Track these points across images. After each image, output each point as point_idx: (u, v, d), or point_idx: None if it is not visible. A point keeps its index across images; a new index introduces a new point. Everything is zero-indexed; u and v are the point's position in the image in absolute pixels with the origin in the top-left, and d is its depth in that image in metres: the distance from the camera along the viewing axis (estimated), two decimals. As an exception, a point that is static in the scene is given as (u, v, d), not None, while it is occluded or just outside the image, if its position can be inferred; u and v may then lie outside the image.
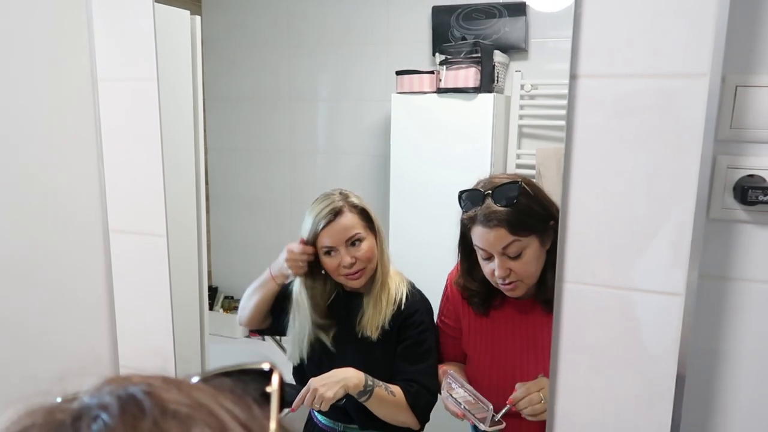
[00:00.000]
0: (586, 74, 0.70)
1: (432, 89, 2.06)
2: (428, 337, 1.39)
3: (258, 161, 2.71)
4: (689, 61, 0.66)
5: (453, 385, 1.20)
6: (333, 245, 1.34)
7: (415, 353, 1.39)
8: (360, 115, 2.44)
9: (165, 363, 1.03)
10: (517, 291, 1.18)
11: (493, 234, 1.17)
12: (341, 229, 1.34)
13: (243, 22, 2.62)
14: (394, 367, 1.40)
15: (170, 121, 1.00)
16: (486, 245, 1.18)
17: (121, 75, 0.96)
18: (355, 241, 1.35)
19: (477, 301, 1.28)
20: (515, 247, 1.15)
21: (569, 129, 0.72)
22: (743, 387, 0.77)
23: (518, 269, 1.16)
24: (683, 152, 0.69)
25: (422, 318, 1.39)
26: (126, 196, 1.00)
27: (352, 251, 1.35)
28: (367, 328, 1.37)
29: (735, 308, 0.75)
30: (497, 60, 2.06)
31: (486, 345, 1.28)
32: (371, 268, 1.38)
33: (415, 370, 1.39)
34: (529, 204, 1.19)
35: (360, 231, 1.36)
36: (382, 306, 1.37)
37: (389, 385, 1.36)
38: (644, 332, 0.73)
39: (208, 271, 3.16)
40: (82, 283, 1.06)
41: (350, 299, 1.42)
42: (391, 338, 1.37)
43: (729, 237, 0.74)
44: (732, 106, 0.71)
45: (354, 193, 1.45)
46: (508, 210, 1.16)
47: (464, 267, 1.28)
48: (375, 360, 1.37)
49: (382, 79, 2.34)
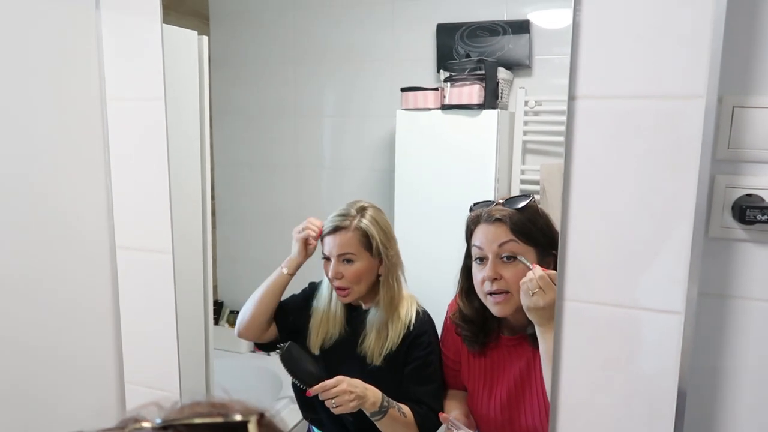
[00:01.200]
0: (585, 95, 0.71)
1: (436, 106, 2.08)
2: (434, 359, 1.39)
3: (264, 176, 2.73)
4: (686, 82, 0.67)
5: (455, 431, 1.20)
6: (328, 255, 1.37)
7: (422, 374, 1.40)
8: (365, 130, 2.46)
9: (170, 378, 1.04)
10: (504, 306, 1.16)
11: (492, 229, 1.17)
12: (336, 244, 1.36)
13: (250, 41, 2.66)
14: (403, 387, 1.40)
15: (177, 139, 1.02)
16: (484, 242, 1.18)
17: (129, 95, 0.98)
18: (346, 260, 1.37)
19: (469, 336, 1.27)
20: (511, 247, 1.14)
21: (568, 149, 0.73)
22: (744, 404, 0.77)
23: (509, 276, 1.14)
24: (682, 172, 0.69)
25: (429, 339, 1.40)
26: (133, 214, 1.02)
27: (341, 267, 1.37)
28: (368, 353, 1.37)
29: (734, 326, 0.75)
30: (501, 77, 2.08)
31: (483, 382, 1.27)
32: (359, 291, 1.39)
33: (424, 391, 1.39)
34: (535, 217, 1.19)
35: (353, 252, 1.37)
36: (387, 333, 1.37)
37: (401, 405, 1.37)
38: (644, 350, 0.73)
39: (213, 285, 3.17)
40: (88, 298, 1.08)
41: (355, 314, 1.43)
42: (398, 358, 1.38)
43: (728, 255, 0.74)
44: (729, 126, 0.72)
45: (374, 208, 1.47)
46: (513, 211, 1.17)
47: (463, 287, 1.27)
48: (377, 377, 1.38)
49: (387, 95, 2.36)
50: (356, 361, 1.39)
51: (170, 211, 0.98)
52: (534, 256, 1.15)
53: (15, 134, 1.03)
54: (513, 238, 1.15)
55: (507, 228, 1.16)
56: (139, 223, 1.02)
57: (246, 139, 2.73)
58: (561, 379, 0.78)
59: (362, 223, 1.37)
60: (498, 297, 1.16)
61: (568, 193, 0.73)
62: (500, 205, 1.20)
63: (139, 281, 1.04)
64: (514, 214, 1.17)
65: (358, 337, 1.40)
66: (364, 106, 2.46)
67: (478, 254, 1.20)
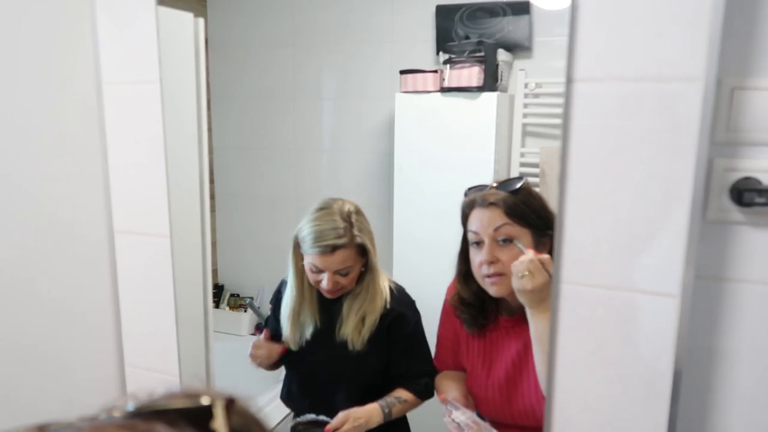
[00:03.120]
0: (582, 78, 0.70)
1: (436, 88, 2.07)
2: (418, 330, 1.43)
3: (262, 160, 2.73)
4: (684, 64, 0.66)
5: (454, 412, 1.21)
6: (322, 269, 1.34)
7: (412, 350, 1.42)
8: (364, 114, 2.45)
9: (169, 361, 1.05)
10: (500, 286, 1.17)
11: (487, 213, 1.17)
12: (335, 262, 1.33)
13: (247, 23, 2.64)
14: (394, 366, 1.42)
15: (174, 122, 1.02)
16: (479, 227, 1.18)
17: (125, 78, 0.97)
18: (344, 272, 1.36)
19: (468, 318, 1.27)
20: (506, 230, 1.15)
21: (565, 132, 0.72)
22: (739, 386, 0.77)
23: (506, 259, 1.14)
24: (680, 155, 0.69)
25: (409, 316, 1.43)
26: (130, 198, 1.02)
27: (338, 278, 1.35)
28: (349, 339, 1.39)
29: (731, 309, 0.75)
30: (501, 59, 2.06)
31: (481, 363, 1.28)
32: (349, 288, 1.40)
33: (418, 364, 1.42)
34: (529, 199, 1.19)
35: (351, 264, 1.35)
36: (365, 317, 1.38)
37: (399, 394, 1.39)
38: (641, 333, 0.74)
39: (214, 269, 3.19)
40: (87, 282, 1.08)
41: (329, 303, 1.43)
42: (380, 338, 1.40)
43: (725, 238, 0.74)
44: (728, 108, 0.72)
45: (357, 212, 1.39)
46: (507, 194, 1.17)
47: (461, 271, 1.28)
48: (362, 361, 1.40)
49: (386, 78, 2.35)
50: (337, 349, 1.40)
51: (168, 194, 0.98)
52: (529, 239, 1.16)
53: (10, 119, 1.03)
54: (508, 222, 1.16)
55: (502, 211, 1.16)
56: (137, 206, 1.02)
57: (244, 122, 2.72)
58: (557, 361, 0.79)
59: (356, 237, 1.33)
60: (494, 278, 1.17)
61: (565, 176, 0.73)
62: (494, 189, 1.20)
63: (137, 265, 1.04)
64: (508, 197, 1.17)
65: (335, 325, 1.41)
66: (363, 88, 2.45)
67: (474, 239, 1.20)
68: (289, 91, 2.60)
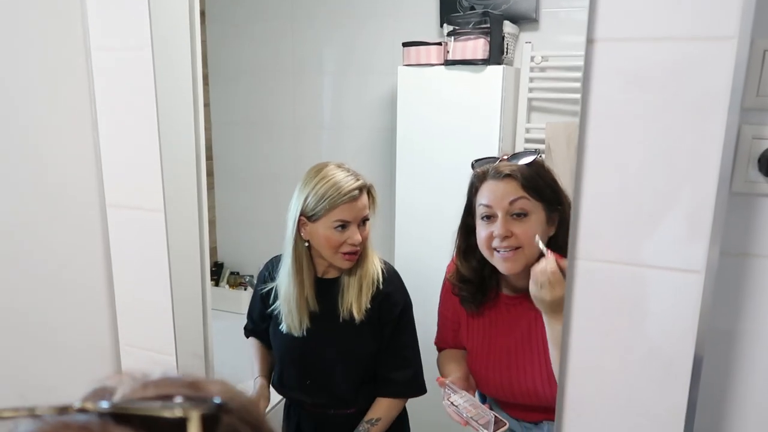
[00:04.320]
0: (604, 38, 0.65)
1: (439, 61, 2.01)
2: (406, 314, 1.41)
3: (262, 136, 2.67)
4: (715, 23, 0.62)
5: (452, 395, 1.19)
6: (349, 220, 1.32)
7: (398, 338, 1.40)
8: (365, 88, 2.39)
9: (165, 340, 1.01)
10: (514, 263, 1.13)
11: (502, 186, 1.13)
12: (361, 207, 1.32)
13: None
14: (381, 353, 1.39)
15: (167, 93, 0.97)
16: (492, 200, 1.14)
17: (114, 44, 0.92)
18: (365, 221, 1.34)
19: (467, 296, 1.24)
20: (522, 204, 1.11)
21: (584, 97, 0.68)
22: (762, 369, 0.74)
23: (521, 232, 1.11)
24: (706, 122, 0.64)
25: (398, 296, 1.40)
26: (122, 170, 0.98)
27: (361, 230, 1.33)
28: (349, 310, 1.36)
29: (757, 286, 0.71)
30: (507, 31, 2.00)
31: (482, 342, 1.26)
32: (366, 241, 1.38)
33: (402, 355, 1.41)
34: (542, 171, 1.15)
35: (368, 212, 1.35)
36: (363, 287, 1.37)
37: (371, 416, 1.38)
38: (661, 311, 0.70)
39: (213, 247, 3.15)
40: (79, 258, 1.04)
41: (326, 285, 1.41)
42: (374, 317, 1.38)
43: (752, 212, 0.70)
44: (760, 72, 0.67)
45: None
46: (522, 165, 1.13)
47: (461, 247, 1.24)
48: (362, 333, 1.38)
49: (388, 51, 2.28)
50: (333, 332, 1.38)
51: (161, 167, 0.93)
52: (542, 213, 1.12)
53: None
54: (524, 195, 1.12)
55: (518, 184, 1.12)
56: (130, 180, 0.98)
57: (243, 98, 2.67)
58: (571, 341, 0.75)
59: (367, 180, 1.35)
60: (508, 253, 1.13)
61: (583, 145, 0.68)
62: (505, 160, 1.15)
63: (131, 240, 1.00)
64: (523, 169, 1.13)
65: (336, 305, 1.38)
66: (365, 62, 2.39)
67: (485, 212, 1.16)
68: (289, 66, 2.54)
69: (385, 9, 2.34)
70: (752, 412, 0.75)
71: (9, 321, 1.05)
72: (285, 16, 2.52)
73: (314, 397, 1.44)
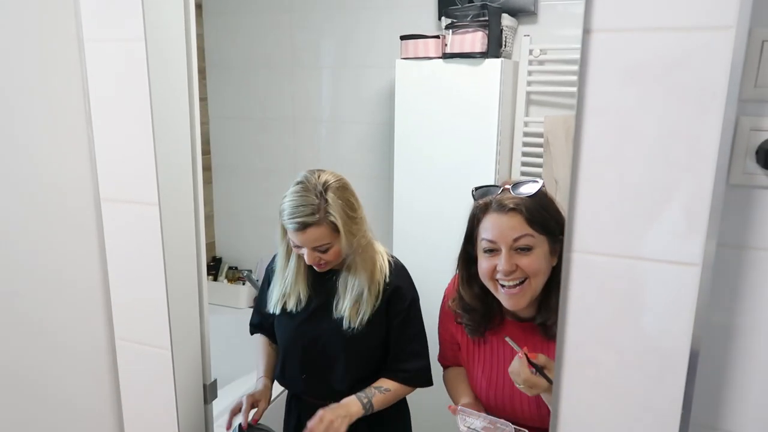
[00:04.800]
0: (601, 29, 0.65)
1: (437, 54, 2.00)
2: (414, 308, 1.41)
3: (260, 130, 2.67)
4: (712, 12, 0.61)
5: (467, 419, 1.16)
6: (300, 245, 1.32)
7: (406, 330, 1.40)
8: (363, 82, 2.38)
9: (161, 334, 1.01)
10: (521, 298, 1.09)
11: (506, 220, 1.08)
12: (309, 239, 1.30)
13: (242, -14, 2.55)
14: (390, 343, 1.39)
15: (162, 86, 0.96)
16: (497, 234, 1.09)
17: (107, 35, 0.91)
18: (323, 249, 1.32)
19: (471, 325, 1.21)
20: (527, 241, 1.07)
21: (581, 88, 0.67)
22: (759, 363, 0.73)
23: (526, 265, 1.08)
24: (703, 113, 0.64)
25: (406, 291, 1.40)
26: (116, 164, 0.97)
27: (317, 254, 1.33)
28: (345, 317, 1.36)
29: (754, 279, 0.71)
30: (505, 24, 1.99)
31: (482, 367, 1.23)
32: (336, 263, 1.37)
33: (410, 347, 1.40)
34: (546, 201, 1.12)
35: (328, 241, 1.31)
36: (364, 299, 1.35)
37: (382, 383, 1.36)
38: (657, 304, 0.69)
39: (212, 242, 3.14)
40: (73, 253, 1.04)
41: (322, 277, 1.41)
42: (380, 316, 1.37)
43: (750, 204, 0.70)
44: (758, 62, 0.66)
45: (340, 187, 1.33)
46: (526, 198, 1.09)
47: (464, 276, 1.21)
48: (358, 341, 1.38)
49: (386, 44, 2.27)
50: (334, 324, 1.38)
51: (155, 161, 0.93)
52: (546, 245, 1.09)
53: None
54: (529, 232, 1.08)
55: (523, 218, 1.08)
56: (124, 174, 0.97)
57: (240, 92, 2.66)
58: (566, 335, 0.74)
59: (329, 215, 1.28)
60: (514, 289, 1.10)
61: (580, 136, 0.68)
62: (508, 191, 1.12)
63: (125, 234, 0.99)
64: (527, 201, 1.09)
65: (331, 301, 1.39)
66: (363, 55, 2.37)
67: (488, 246, 1.12)
68: (287, 60, 2.53)
69: (383, 2, 2.33)
70: (749, 406, 0.75)
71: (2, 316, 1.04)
72: (283, 10, 2.50)
73: (314, 390, 1.44)
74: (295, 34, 2.53)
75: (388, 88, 2.32)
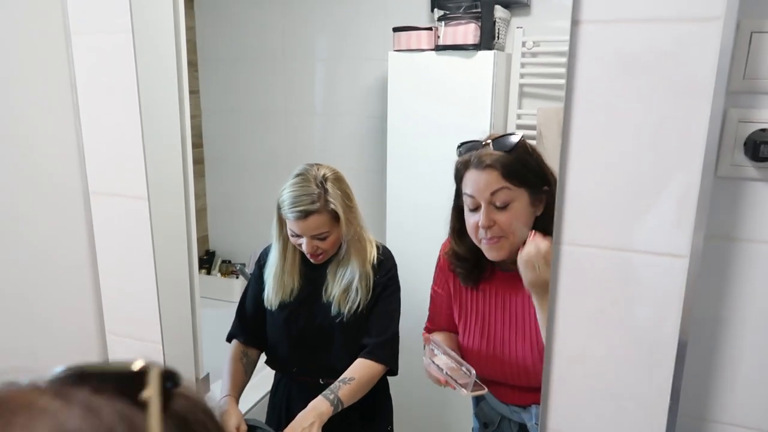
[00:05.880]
0: (590, 20, 0.64)
1: (430, 46, 1.99)
2: (389, 286, 1.44)
3: (252, 123, 2.65)
4: (701, 3, 0.61)
5: (436, 352, 1.19)
6: (300, 234, 1.36)
7: (373, 312, 1.42)
8: (356, 74, 2.37)
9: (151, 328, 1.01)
10: (499, 250, 1.14)
11: (484, 177, 1.12)
12: (310, 227, 1.34)
13: (233, -23, 2.53)
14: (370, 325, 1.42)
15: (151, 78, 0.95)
16: (475, 190, 1.14)
17: (94, 27, 0.91)
18: (322, 237, 1.36)
19: (463, 273, 1.25)
20: (504, 195, 1.11)
21: (570, 80, 0.67)
22: (747, 353, 0.74)
23: (503, 221, 1.12)
24: (691, 104, 0.64)
25: (394, 273, 1.45)
26: (105, 157, 0.96)
27: (316, 242, 1.37)
28: (334, 303, 1.40)
29: (742, 271, 0.71)
30: (498, 15, 1.98)
31: (475, 317, 1.26)
32: (331, 252, 1.41)
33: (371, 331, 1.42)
34: (526, 157, 1.15)
35: (327, 229, 1.36)
36: (357, 291, 1.39)
37: (344, 375, 1.36)
38: (645, 296, 0.70)
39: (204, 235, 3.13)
40: (63, 247, 1.03)
41: (312, 266, 1.44)
42: (370, 302, 1.41)
43: (738, 196, 0.70)
44: (746, 54, 0.66)
45: (336, 178, 1.38)
46: (503, 154, 1.13)
47: (455, 228, 1.25)
48: (345, 328, 1.41)
49: (378, 36, 2.26)
50: (324, 312, 1.42)
51: (144, 153, 0.92)
52: (526, 198, 1.12)
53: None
54: (505, 185, 1.11)
55: (499, 174, 1.11)
56: (113, 167, 0.96)
57: (233, 85, 2.64)
58: (556, 327, 0.75)
59: (330, 203, 1.34)
60: (492, 241, 1.13)
61: (569, 129, 0.68)
62: (488, 147, 1.15)
63: (115, 228, 0.99)
64: (504, 157, 1.12)
65: (321, 289, 1.42)
66: (355, 48, 2.36)
67: (470, 202, 1.16)
68: (279, 52, 2.51)
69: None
70: (737, 397, 0.75)
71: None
72: (275, 2, 2.48)
73: (306, 367, 1.47)
74: (287, 26, 2.51)
75: (381, 79, 2.30)
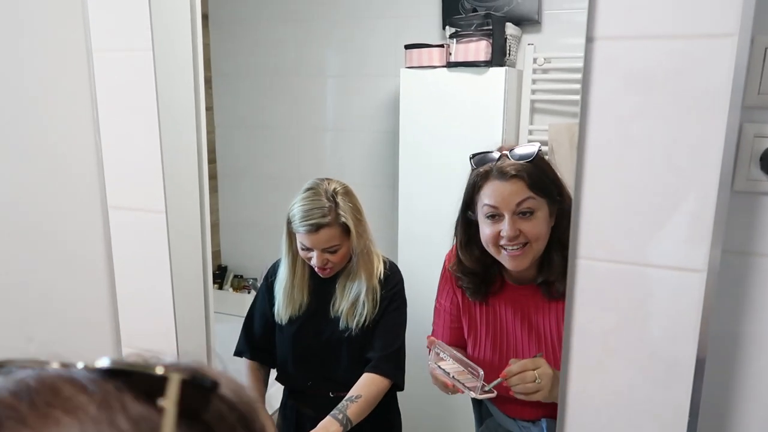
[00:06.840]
0: (604, 36, 0.65)
1: (442, 63, 2.01)
2: (395, 301, 1.45)
3: (265, 139, 2.68)
4: (715, 19, 0.61)
5: (441, 355, 1.17)
6: (310, 247, 1.37)
7: (379, 326, 1.42)
8: (368, 91, 2.39)
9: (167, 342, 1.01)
10: (523, 259, 1.13)
11: (509, 187, 1.11)
12: (321, 240, 1.36)
13: None
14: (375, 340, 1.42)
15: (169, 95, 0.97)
16: (499, 200, 1.12)
17: (115, 45, 0.93)
18: (332, 250, 1.37)
19: (471, 288, 1.24)
20: (529, 204, 1.11)
21: (584, 96, 0.67)
22: (766, 370, 0.73)
23: (529, 230, 1.11)
24: (707, 120, 0.64)
25: (400, 288, 1.47)
26: (124, 172, 0.98)
27: (326, 255, 1.38)
28: (342, 318, 1.41)
29: (760, 285, 0.71)
30: (509, 32, 2.00)
31: (486, 330, 1.25)
32: (340, 266, 1.42)
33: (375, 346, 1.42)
34: (544, 166, 1.16)
35: (338, 243, 1.37)
36: (364, 305, 1.40)
37: (351, 393, 1.37)
38: (662, 311, 0.69)
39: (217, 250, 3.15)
40: (81, 260, 1.04)
41: (321, 280, 1.45)
42: (376, 317, 1.42)
43: (754, 210, 0.70)
44: (761, 69, 0.66)
45: (345, 192, 1.40)
46: (526, 164, 1.12)
47: (463, 240, 1.24)
48: (353, 342, 1.42)
49: (390, 53, 2.28)
50: (333, 326, 1.42)
51: (162, 168, 0.93)
52: (546, 208, 1.13)
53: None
54: (531, 195, 1.11)
55: (524, 184, 1.11)
56: (132, 182, 0.98)
57: (246, 101, 2.67)
58: (572, 342, 0.74)
59: (341, 216, 1.36)
60: (516, 251, 1.13)
61: (584, 143, 0.68)
62: (509, 159, 1.14)
63: (133, 242, 1.00)
64: (528, 167, 1.12)
65: (329, 304, 1.43)
66: (367, 65, 2.39)
67: (490, 212, 1.15)
68: (292, 69, 2.54)
69: (388, 11, 2.35)
70: (756, 414, 0.75)
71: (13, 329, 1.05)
72: (288, 20, 2.52)
73: (316, 381, 1.47)
74: (301, 43, 2.54)
75: (392, 96, 2.32)
